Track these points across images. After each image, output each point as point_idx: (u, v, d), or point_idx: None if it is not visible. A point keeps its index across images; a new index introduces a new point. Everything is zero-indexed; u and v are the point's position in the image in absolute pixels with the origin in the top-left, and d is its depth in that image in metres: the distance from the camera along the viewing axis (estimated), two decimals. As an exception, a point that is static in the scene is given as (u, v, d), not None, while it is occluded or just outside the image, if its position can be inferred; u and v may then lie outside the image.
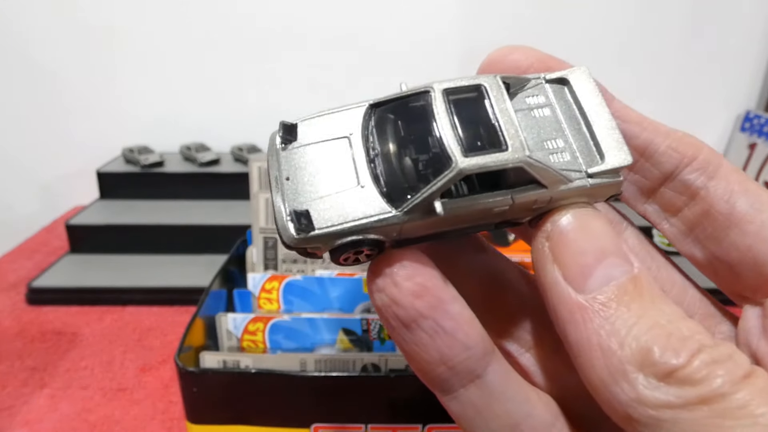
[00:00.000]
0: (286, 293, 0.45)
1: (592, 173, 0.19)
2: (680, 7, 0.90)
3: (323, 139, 0.20)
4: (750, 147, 0.92)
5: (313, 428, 0.38)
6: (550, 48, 0.23)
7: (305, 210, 0.18)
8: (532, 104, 0.21)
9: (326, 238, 0.18)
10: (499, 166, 0.17)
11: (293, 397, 0.37)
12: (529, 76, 0.21)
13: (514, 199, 0.18)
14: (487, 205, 0.18)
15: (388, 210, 0.18)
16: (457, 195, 0.18)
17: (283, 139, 0.20)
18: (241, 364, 0.38)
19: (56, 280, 0.69)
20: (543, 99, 0.21)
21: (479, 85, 0.19)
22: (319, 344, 0.41)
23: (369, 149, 0.19)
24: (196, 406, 0.38)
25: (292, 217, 0.18)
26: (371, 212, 0.18)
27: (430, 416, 0.37)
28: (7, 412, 0.51)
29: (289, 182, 0.19)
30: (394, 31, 0.91)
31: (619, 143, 0.20)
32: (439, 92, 0.19)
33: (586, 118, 0.20)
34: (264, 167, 0.46)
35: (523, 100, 0.21)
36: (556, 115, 0.20)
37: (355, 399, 0.37)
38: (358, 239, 0.18)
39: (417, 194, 0.18)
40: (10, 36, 0.89)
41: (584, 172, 0.19)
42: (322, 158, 0.19)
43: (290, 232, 0.18)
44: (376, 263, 0.18)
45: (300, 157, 0.19)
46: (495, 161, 0.17)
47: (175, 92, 0.93)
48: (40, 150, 0.96)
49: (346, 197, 0.18)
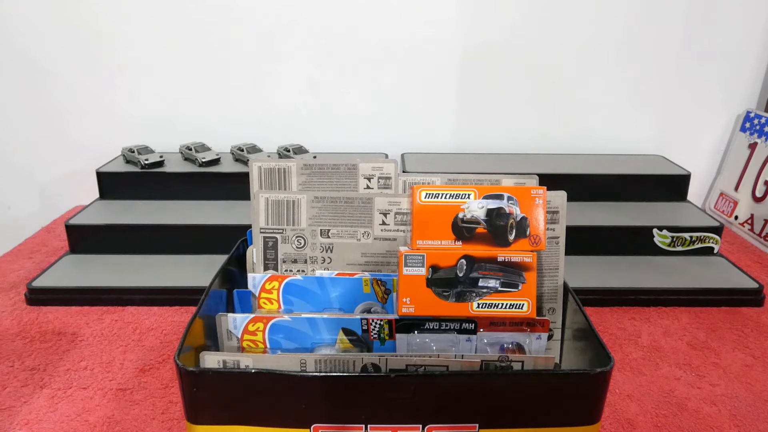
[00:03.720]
0: (286, 293, 0.45)
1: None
2: (680, 7, 0.90)
3: None
4: (750, 147, 0.92)
5: (313, 428, 0.38)
6: (550, 48, 0.23)
7: None
8: None
9: None
10: None
11: (293, 397, 0.37)
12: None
13: None
14: None
15: None
16: None
17: None
18: (241, 364, 0.38)
19: (56, 280, 0.70)
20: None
21: None
22: (319, 344, 0.41)
23: None
24: (196, 406, 0.38)
25: None
26: None
27: (430, 416, 0.37)
28: (7, 413, 0.51)
29: None
30: (395, 31, 0.91)
31: None
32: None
33: None
34: (264, 167, 0.46)
35: None
36: None
37: (355, 399, 0.37)
38: None
39: None
40: (11, 37, 0.89)
41: None
42: None
43: None
44: None
45: None
46: None
47: (176, 92, 0.93)
48: (40, 150, 0.96)
49: None
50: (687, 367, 0.59)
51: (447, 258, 0.34)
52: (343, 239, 0.45)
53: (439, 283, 0.33)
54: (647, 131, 0.98)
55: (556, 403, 0.37)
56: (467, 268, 0.34)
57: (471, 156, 0.94)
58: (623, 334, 0.64)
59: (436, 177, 0.43)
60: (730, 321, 0.67)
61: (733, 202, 0.93)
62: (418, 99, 0.95)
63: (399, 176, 0.44)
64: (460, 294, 0.34)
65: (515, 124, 0.98)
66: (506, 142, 0.98)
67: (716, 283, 0.72)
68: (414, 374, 0.36)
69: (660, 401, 0.54)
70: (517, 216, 0.35)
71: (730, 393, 0.55)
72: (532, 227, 0.35)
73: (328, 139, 0.96)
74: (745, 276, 0.73)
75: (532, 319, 0.38)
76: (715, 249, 0.79)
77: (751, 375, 0.58)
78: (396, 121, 0.97)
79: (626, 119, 0.97)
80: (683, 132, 0.99)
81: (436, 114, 0.97)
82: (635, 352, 0.61)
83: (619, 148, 0.98)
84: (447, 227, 0.35)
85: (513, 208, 0.35)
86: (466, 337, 0.38)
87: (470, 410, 0.37)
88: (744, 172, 0.92)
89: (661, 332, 0.65)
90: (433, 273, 0.35)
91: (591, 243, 0.77)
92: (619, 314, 0.68)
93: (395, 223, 0.44)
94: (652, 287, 0.70)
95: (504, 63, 0.93)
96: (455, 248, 0.35)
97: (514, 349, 0.39)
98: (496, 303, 0.34)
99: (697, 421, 0.52)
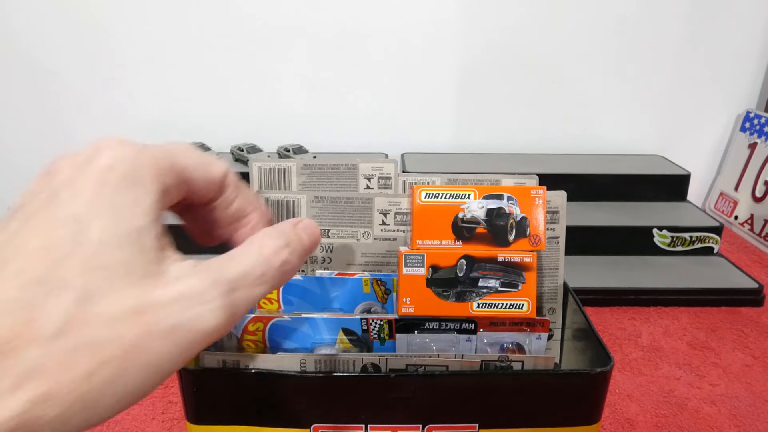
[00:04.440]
0: (286, 293, 0.44)
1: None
2: (680, 7, 0.90)
3: None
4: (750, 147, 0.92)
5: (313, 428, 0.38)
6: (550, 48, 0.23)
7: None
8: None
9: None
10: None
11: (293, 397, 0.37)
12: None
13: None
14: None
15: None
16: None
17: None
18: (241, 364, 0.38)
19: (56, 280, 0.69)
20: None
21: None
22: (319, 344, 0.41)
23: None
24: (196, 406, 0.38)
25: None
26: None
27: (430, 416, 0.37)
28: (6, 412, 0.51)
29: None
30: (395, 30, 0.91)
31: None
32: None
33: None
34: (264, 167, 0.46)
35: None
36: None
37: (355, 399, 0.37)
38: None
39: None
40: (11, 36, 0.89)
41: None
42: None
43: None
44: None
45: None
46: None
47: (175, 92, 0.93)
48: (40, 150, 0.96)
49: None
50: (687, 367, 0.59)
51: (447, 258, 0.34)
52: (342, 239, 0.45)
53: (439, 283, 0.33)
54: (647, 131, 0.98)
55: (556, 403, 0.37)
56: (467, 268, 0.34)
57: (471, 156, 0.94)
58: (623, 334, 0.64)
59: (436, 177, 0.43)
60: (730, 321, 0.67)
61: (733, 202, 0.93)
62: (418, 99, 0.95)
63: (399, 176, 0.44)
64: (460, 294, 0.34)
65: (515, 124, 0.98)
66: (506, 142, 0.98)
67: (716, 283, 0.72)
68: (414, 374, 0.36)
69: (660, 401, 0.54)
70: (517, 216, 0.35)
71: (730, 393, 0.55)
72: (532, 227, 0.35)
73: (328, 139, 0.96)
74: (745, 276, 0.73)
75: (532, 319, 0.38)
76: (715, 249, 0.79)
77: (751, 375, 0.58)
78: (396, 121, 0.97)
79: (626, 119, 0.97)
80: (683, 132, 0.99)
81: (436, 114, 0.97)
82: (635, 352, 0.61)
83: (619, 148, 0.98)
84: (447, 227, 0.35)
85: (513, 208, 0.35)
86: (466, 337, 0.38)
87: (470, 410, 0.37)
88: (744, 172, 0.92)
89: (661, 332, 0.65)
90: (433, 273, 0.35)
91: (591, 243, 0.77)
92: (619, 314, 0.68)
93: (395, 223, 0.44)
94: (652, 287, 0.70)
95: (504, 63, 0.93)
96: (455, 248, 0.35)
97: (514, 349, 0.39)
98: (496, 303, 0.34)
99: (697, 421, 0.52)
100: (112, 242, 0.18)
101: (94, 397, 0.17)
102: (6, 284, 0.17)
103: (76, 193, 0.19)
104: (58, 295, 0.17)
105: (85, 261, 0.18)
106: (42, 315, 0.17)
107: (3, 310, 0.17)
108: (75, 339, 0.17)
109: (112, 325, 0.18)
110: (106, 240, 0.18)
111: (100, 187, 0.19)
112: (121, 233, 0.19)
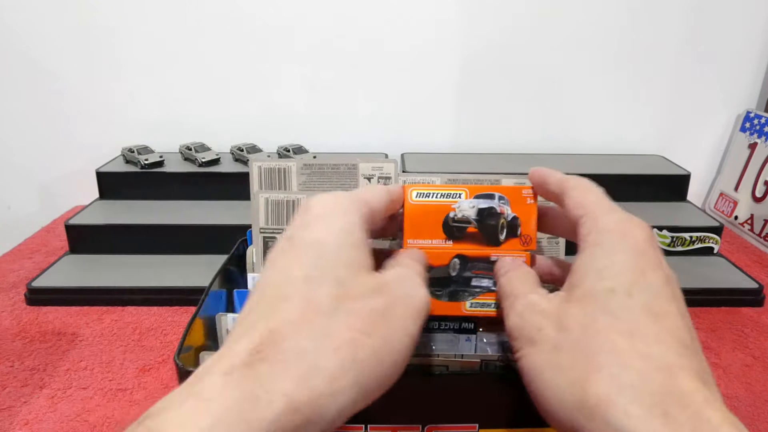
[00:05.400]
0: (286, 293, 0.44)
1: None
2: (680, 7, 0.90)
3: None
4: (750, 147, 0.92)
5: (313, 428, 0.38)
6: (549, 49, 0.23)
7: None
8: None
9: None
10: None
11: (293, 397, 0.37)
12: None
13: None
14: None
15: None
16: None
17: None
18: (240, 364, 0.37)
19: (56, 280, 0.70)
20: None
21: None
22: (319, 344, 0.41)
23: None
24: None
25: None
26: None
27: (430, 416, 0.37)
28: (7, 413, 0.51)
29: None
30: (395, 31, 0.91)
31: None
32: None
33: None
34: (264, 167, 0.45)
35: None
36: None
37: (355, 399, 0.37)
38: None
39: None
40: (11, 36, 0.89)
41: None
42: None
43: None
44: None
45: None
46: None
47: (176, 92, 0.93)
48: (40, 150, 0.96)
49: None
50: (687, 367, 0.59)
51: (439, 257, 0.34)
52: (343, 239, 0.45)
53: (431, 282, 0.33)
54: (647, 131, 0.98)
55: (556, 403, 0.37)
56: (461, 267, 0.34)
57: (471, 156, 0.94)
58: (623, 334, 0.64)
59: (436, 177, 0.43)
60: (730, 321, 0.67)
61: (733, 202, 0.93)
62: (418, 99, 0.95)
63: (399, 176, 0.44)
64: (452, 293, 0.34)
65: (515, 124, 0.98)
66: (506, 142, 0.98)
67: (716, 283, 0.72)
68: (414, 374, 0.36)
69: (660, 401, 0.54)
70: (508, 216, 0.35)
71: (730, 393, 0.55)
72: (523, 227, 0.35)
73: (328, 139, 0.96)
74: (745, 276, 0.73)
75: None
76: (715, 249, 0.79)
77: (751, 375, 0.58)
78: (396, 121, 0.97)
79: (626, 119, 0.97)
80: (683, 132, 0.99)
81: (437, 114, 0.97)
82: (635, 352, 0.61)
83: (619, 148, 0.98)
84: (438, 227, 0.35)
85: (504, 207, 0.35)
86: (466, 336, 0.38)
87: (470, 410, 0.37)
88: (744, 172, 0.92)
89: (661, 332, 0.65)
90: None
91: (591, 243, 0.77)
92: (619, 314, 0.68)
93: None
94: (652, 287, 0.70)
95: (504, 63, 0.93)
96: (447, 248, 0.34)
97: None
98: (489, 303, 0.34)
99: (697, 421, 0.52)
100: (345, 247, 0.27)
101: (378, 348, 0.25)
102: (293, 273, 0.26)
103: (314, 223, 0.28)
104: (321, 284, 0.25)
105: (332, 260, 0.26)
106: (315, 297, 0.25)
107: (292, 289, 0.25)
108: (346, 310, 0.25)
109: (368, 298, 0.26)
110: (340, 245, 0.27)
111: (329, 217, 0.28)
112: (350, 243, 0.27)
